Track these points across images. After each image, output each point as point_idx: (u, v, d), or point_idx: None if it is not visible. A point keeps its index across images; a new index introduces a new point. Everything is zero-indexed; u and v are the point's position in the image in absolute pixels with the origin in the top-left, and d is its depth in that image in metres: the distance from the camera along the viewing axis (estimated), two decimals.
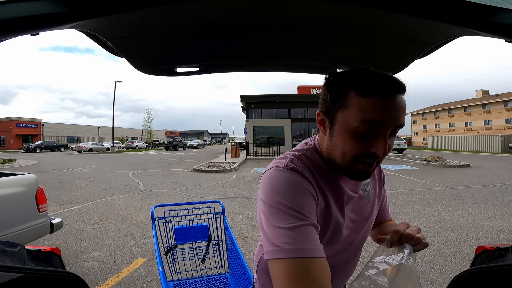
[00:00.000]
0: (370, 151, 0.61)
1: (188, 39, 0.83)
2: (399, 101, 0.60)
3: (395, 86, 0.60)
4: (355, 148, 0.62)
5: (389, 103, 0.59)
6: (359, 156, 0.62)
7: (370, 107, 0.58)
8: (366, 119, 0.59)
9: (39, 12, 0.49)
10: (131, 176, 10.63)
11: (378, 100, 0.58)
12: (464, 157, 19.36)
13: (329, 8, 0.66)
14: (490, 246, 0.93)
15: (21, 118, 42.38)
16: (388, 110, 0.59)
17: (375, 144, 0.60)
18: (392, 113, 0.59)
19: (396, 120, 0.60)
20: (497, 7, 0.51)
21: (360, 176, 0.66)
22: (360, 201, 0.78)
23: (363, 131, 0.60)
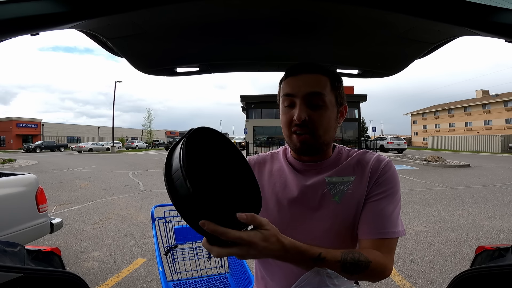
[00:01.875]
0: (293, 119, 0.74)
1: (188, 39, 0.83)
2: (307, 77, 0.74)
3: (302, 67, 0.76)
4: (285, 119, 0.77)
5: (298, 79, 0.75)
6: (290, 126, 0.76)
7: (287, 84, 0.77)
8: (284, 93, 0.77)
9: (39, 12, 0.49)
10: (131, 176, 10.63)
11: (291, 78, 0.76)
12: (464, 157, 19.37)
13: (329, 8, 0.66)
14: (490, 246, 0.93)
15: (21, 118, 42.40)
16: (296, 84, 0.75)
17: (294, 112, 0.74)
18: (299, 85, 0.74)
19: (303, 90, 0.73)
20: (497, 7, 0.51)
21: (299, 148, 0.76)
22: (320, 197, 0.75)
23: (286, 104, 0.77)
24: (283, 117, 0.78)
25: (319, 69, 0.76)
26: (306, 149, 0.76)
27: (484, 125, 38.98)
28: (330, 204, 0.75)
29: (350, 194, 0.74)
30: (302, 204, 0.77)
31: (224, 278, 2.12)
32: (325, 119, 0.74)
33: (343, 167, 0.78)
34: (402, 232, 0.72)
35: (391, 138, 25.71)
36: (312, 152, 0.78)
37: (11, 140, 40.23)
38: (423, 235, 4.07)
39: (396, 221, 0.72)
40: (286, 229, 0.70)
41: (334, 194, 0.75)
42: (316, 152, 0.78)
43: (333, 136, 0.79)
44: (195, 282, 2.09)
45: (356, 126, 25.21)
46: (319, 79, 0.75)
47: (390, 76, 1.13)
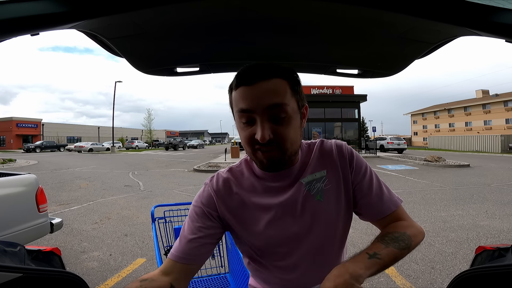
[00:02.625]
0: (255, 138, 0.65)
1: (188, 39, 0.83)
2: (265, 85, 0.63)
3: (256, 73, 0.64)
4: (245, 137, 0.67)
5: (254, 89, 0.63)
6: (252, 144, 0.67)
7: (239, 96, 0.65)
8: (239, 108, 0.66)
9: (39, 12, 0.49)
10: (131, 176, 10.63)
11: (244, 88, 0.64)
12: (464, 157, 19.36)
13: (329, 8, 0.66)
14: (490, 246, 0.93)
15: (21, 118, 42.40)
16: (253, 96, 0.63)
17: (256, 130, 0.64)
18: (257, 98, 0.63)
19: (262, 103, 0.63)
20: (497, 7, 0.51)
21: (266, 165, 0.68)
22: (305, 201, 0.72)
23: (244, 120, 0.66)
24: (242, 134, 0.68)
25: (276, 71, 0.65)
26: (274, 165, 0.69)
27: (484, 125, 38.98)
28: (315, 204, 0.72)
29: (328, 190, 0.73)
30: (291, 217, 0.73)
31: (224, 278, 2.12)
32: (291, 130, 0.66)
33: (311, 164, 0.75)
34: (399, 199, 0.80)
35: (391, 138, 25.70)
36: (281, 167, 0.71)
37: (11, 140, 40.23)
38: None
39: (391, 192, 0.79)
40: (288, 246, 0.74)
41: (315, 194, 0.73)
42: (285, 165, 0.72)
43: (299, 143, 0.72)
44: (195, 282, 2.09)
45: (356, 126, 25.18)
46: (278, 85, 0.64)
47: (390, 76, 1.13)
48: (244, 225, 0.75)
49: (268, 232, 0.73)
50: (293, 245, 0.74)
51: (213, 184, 0.77)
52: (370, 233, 3.95)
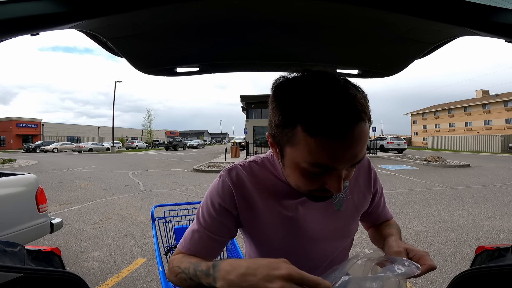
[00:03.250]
0: (324, 187, 0.57)
1: (188, 39, 0.83)
2: (357, 135, 0.49)
3: (351, 118, 0.49)
4: (308, 185, 0.58)
5: (343, 143, 0.49)
6: (315, 190, 0.59)
7: (319, 149, 0.50)
8: (315, 162, 0.52)
9: (39, 12, 0.49)
10: (131, 176, 10.63)
11: (329, 140, 0.49)
12: (464, 157, 19.36)
13: (329, 8, 0.66)
14: (490, 246, 0.93)
15: (21, 118, 42.39)
16: (341, 152, 0.50)
17: (328, 182, 0.55)
18: (346, 154, 0.50)
19: (352, 160, 0.52)
20: (497, 7, 0.51)
21: (320, 200, 0.63)
22: (325, 209, 0.73)
23: (314, 172, 0.54)
24: (303, 182, 0.58)
25: (362, 110, 0.50)
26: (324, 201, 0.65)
27: (484, 125, 38.97)
28: (334, 213, 0.75)
29: (347, 200, 0.76)
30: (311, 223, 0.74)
31: None
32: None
33: None
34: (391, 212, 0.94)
35: (391, 138, 25.69)
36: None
37: (11, 140, 40.22)
38: (423, 235, 4.07)
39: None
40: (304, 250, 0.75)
41: (336, 203, 0.75)
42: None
43: None
44: None
45: None
46: (366, 131, 0.51)
47: (390, 76, 1.13)
48: (263, 226, 0.71)
49: (286, 237, 0.72)
50: (309, 249, 0.75)
51: (232, 178, 0.69)
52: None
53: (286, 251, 0.73)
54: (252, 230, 0.74)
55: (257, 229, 0.72)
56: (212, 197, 0.71)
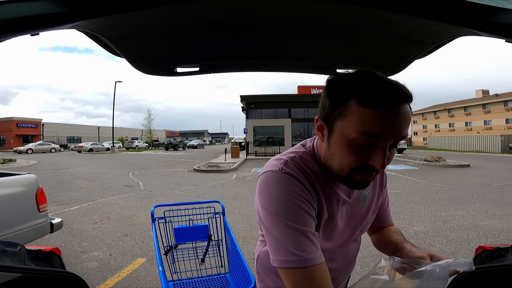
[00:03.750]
0: (368, 163, 0.59)
1: (188, 39, 0.83)
2: (403, 112, 0.56)
3: (401, 96, 0.56)
4: (353, 160, 0.60)
5: (392, 115, 0.55)
6: (356, 168, 0.60)
7: (371, 118, 0.55)
8: (366, 131, 0.56)
9: (39, 12, 0.49)
10: (131, 176, 10.63)
11: (381, 111, 0.55)
12: (464, 157, 19.36)
13: (329, 8, 0.66)
14: (490, 246, 0.93)
15: (21, 118, 42.39)
16: (390, 123, 0.55)
17: (373, 156, 0.58)
18: (395, 126, 0.55)
19: (399, 133, 0.56)
20: (497, 7, 0.51)
21: (358, 186, 0.64)
22: (354, 205, 0.77)
23: (362, 142, 0.57)
24: (349, 156, 0.59)
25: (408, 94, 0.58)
26: (362, 188, 0.65)
27: (484, 125, 38.97)
28: (360, 208, 0.78)
29: (370, 197, 0.80)
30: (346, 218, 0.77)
31: (224, 278, 2.12)
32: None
33: None
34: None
35: None
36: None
37: (11, 140, 40.20)
38: (423, 235, 4.07)
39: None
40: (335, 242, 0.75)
41: (361, 200, 0.78)
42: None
43: None
44: (195, 282, 2.09)
45: None
46: (410, 113, 0.58)
47: (390, 76, 1.13)
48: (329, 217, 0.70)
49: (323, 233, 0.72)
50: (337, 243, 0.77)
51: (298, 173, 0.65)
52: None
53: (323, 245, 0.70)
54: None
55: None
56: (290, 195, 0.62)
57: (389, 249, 0.81)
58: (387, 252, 0.83)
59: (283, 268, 0.58)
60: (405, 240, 0.79)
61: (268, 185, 0.63)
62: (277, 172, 0.64)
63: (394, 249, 0.79)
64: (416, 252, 0.69)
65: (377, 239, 0.91)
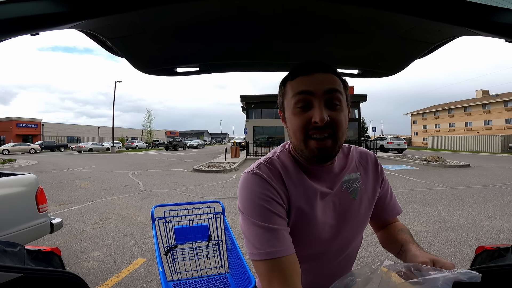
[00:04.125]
0: (311, 122, 0.67)
1: (188, 39, 0.83)
2: (322, 75, 0.69)
3: (315, 66, 0.70)
4: (299, 122, 0.69)
5: (312, 77, 0.69)
6: (306, 130, 0.69)
7: (298, 83, 0.70)
8: (297, 91, 0.70)
9: (39, 12, 0.49)
10: (131, 176, 10.63)
11: (303, 77, 0.70)
12: (464, 157, 19.36)
13: (329, 8, 0.66)
14: (490, 246, 0.93)
15: (21, 118, 42.38)
16: (311, 81, 0.69)
17: (313, 114, 0.68)
18: (316, 83, 0.68)
19: (322, 86, 0.68)
20: (497, 7, 0.51)
21: (317, 155, 0.69)
22: (343, 197, 0.77)
23: (300, 104, 0.69)
24: (296, 120, 0.69)
25: (332, 69, 0.72)
26: (324, 156, 0.70)
27: (484, 125, 38.98)
28: (351, 202, 0.78)
29: (362, 190, 0.80)
30: (331, 210, 0.76)
31: (224, 278, 2.12)
32: (343, 119, 0.70)
33: (349, 165, 0.80)
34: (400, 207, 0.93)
35: (391, 138, 25.70)
36: (329, 159, 0.72)
37: (11, 140, 40.21)
38: (423, 235, 4.07)
39: (396, 199, 0.92)
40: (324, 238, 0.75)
41: (351, 192, 0.78)
42: (331, 158, 0.73)
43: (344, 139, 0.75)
44: (195, 282, 2.09)
45: (356, 126, 25.21)
46: (334, 78, 0.70)
47: (390, 76, 1.13)
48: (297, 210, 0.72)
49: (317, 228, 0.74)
50: (327, 237, 0.76)
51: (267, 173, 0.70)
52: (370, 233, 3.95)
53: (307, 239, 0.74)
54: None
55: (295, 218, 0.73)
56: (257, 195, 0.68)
57: (395, 249, 0.80)
58: (392, 252, 0.82)
59: (253, 261, 0.66)
60: (411, 240, 0.77)
61: (240, 186, 0.72)
62: (248, 174, 0.71)
63: (400, 249, 0.77)
64: (419, 256, 0.66)
65: (383, 237, 0.89)
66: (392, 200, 0.89)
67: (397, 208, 0.90)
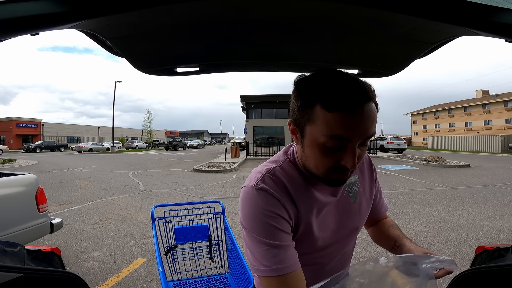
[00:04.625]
0: (340, 164, 0.62)
1: (188, 39, 0.83)
2: (367, 112, 0.58)
3: (361, 97, 0.58)
4: (326, 162, 0.63)
5: (355, 117, 0.57)
6: (331, 168, 0.63)
7: (335, 122, 0.57)
8: (333, 134, 0.59)
9: (39, 12, 0.49)
10: (131, 176, 10.63)
11: (343, 114, 0.57)
12: (464, 157, 19.36)
13: (329, 8, 0.66)
14: (490, 246, 0.93)
15: (21, 118, 42.39)
16: (354, 125, 0.58)
17: (344, 157, 0.61)
18: (359, 127, 0.58)
19: (364, 133, 0.59)
20: (497, 7, 0.51)
21: (336, 184, 0.67)
22: (345, 202, 0.77)
23: (331, 146, 0.60)
24: (322, 158, 0.63)
25: (370, 92, 0.61)
26: (342, 183, 0.67)
27: (484, 125, 38.96)
28: (351, 204, 0.79)
29: (361, 192, 0.81)
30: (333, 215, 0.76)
31: (224, 278, 2.12)
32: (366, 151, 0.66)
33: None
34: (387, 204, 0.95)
35: (391, 138, 25.69)
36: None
37: (11, 140, 40.19)
38: (423, 235, 4.07)
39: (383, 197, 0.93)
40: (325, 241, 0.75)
41: (352, 196, 0.79)
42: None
43: None
44: (195, 282, 2.09)
45: None
46: (374, 111, 0.60)
47: (390, 76, 1.13)
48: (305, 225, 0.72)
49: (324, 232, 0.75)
50: (328, 242, 0.76)
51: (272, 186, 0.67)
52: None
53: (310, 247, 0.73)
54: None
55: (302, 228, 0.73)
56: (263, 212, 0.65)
57: (388, 244, 0.83)
58: (386, 247, 0.85)
59: (257, 276, 0.65)
60: (403, 235, 0.81)
61: (243, 201, 0.67)
62: (251, 188, 0.66)
63: (393, 245, 0.80)
64: (414, 251, 0.70)
65: (374, 234, 0.92)
66: (382, 197, 0.92)
67: (386, 205, 0.93)
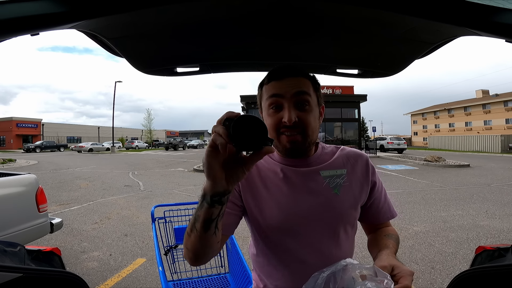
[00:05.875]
0: (282, 121, 0.76)
1: (188, 39, 0.83)
2: (291, 80, 0.77)
3: (286, 71, 0.78)
4: (272, 122, 0.77)
5: (283, 81, 0.77)
6: (278, 128, 0.77)
7: (271, 87, 0.79)
8: (270, 94, 0.78)
9: (39, 12, 0.49)
10: (131, 176, 10.63)
11: (275, 81, 0.78)
12: (464, 157, 19.36)
13: (330, 8, 0.66)
14: (490, 246, 0.93)
15: (21, 118, 42.40)
16: (282, 86, 0.77)
17: (283, 115, 0.76)
18: (286, 86, 0.76)
19: (290, 90, 0.76)
20: (497, 7, 0.51)
21: (288, 149, 0.78)
22: (324, 191, 0.79)
23: (272, 105, 0.78)
24: (269, 120, 0.79)
25: (302, 72, 0.80)
26: (295, 149, 0.78)
27: (484, 125, 38.98)
28: (332, 196, 0.79)
29: (347, 186, 0.81)
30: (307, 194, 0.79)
31: (224, 278, 2.12)
32: (312, 118, 0.78)
33: (334, 161, 0.84)
34: (395, 211, 0.92)
35: (391, 138, 25.71)
36: (301, 153, 0.80)
37: (11, 140, 40.21)
38: (423, 235, 4.07)
39: (391, 202, 0.92)
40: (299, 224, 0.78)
41: (333, 187, 0.80)
42: (304, 153, 0.81)
43: (317, 133, 0.83)
44: (195, 282, 2.09)
45: (356, 126, 25.17)
46: (303, 81, 0.78)
47: (390, 76, 1.13)
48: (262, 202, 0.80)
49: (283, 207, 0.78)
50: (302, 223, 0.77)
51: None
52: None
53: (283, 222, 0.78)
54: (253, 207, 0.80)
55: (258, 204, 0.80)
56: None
57: (373, 253, 0.78)
58: (372, 255, 0.80)
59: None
60: (391, 245, 0.77)
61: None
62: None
63: (376, 254, 0.75)
64: (382, 261, 0.66)
65: (369, 241, 0.88)
66: (386, 203, 0.89)
67: (391, 212, 0.89)
